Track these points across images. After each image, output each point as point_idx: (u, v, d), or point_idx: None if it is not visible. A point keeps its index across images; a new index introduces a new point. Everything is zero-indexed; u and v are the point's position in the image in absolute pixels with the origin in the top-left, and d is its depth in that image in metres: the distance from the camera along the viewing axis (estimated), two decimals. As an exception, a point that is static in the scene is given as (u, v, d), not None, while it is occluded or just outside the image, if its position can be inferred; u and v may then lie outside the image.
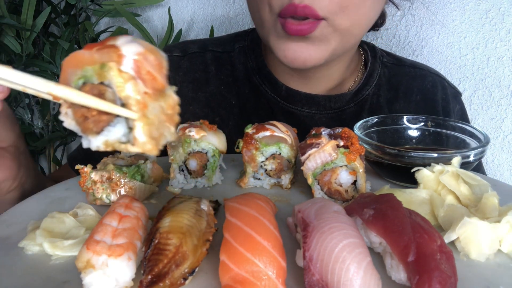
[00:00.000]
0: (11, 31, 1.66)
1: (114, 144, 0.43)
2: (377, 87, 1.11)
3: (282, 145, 0.74)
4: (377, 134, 0.88)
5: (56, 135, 1.90)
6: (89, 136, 0.44)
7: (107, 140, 0.43)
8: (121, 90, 0.41)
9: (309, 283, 0.46)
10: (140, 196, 0.70)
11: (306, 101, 1.06)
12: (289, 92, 1.06)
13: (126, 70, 0.41)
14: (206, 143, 0.74)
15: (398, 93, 1.12)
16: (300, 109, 1.07)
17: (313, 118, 1.07)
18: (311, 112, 1.07)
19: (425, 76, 1.16)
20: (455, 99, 1.18)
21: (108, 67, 0.41)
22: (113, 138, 0.43)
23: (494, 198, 0.61)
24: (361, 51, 1.16)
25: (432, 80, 1.15)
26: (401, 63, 1.17)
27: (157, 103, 0.43)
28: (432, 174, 0.67)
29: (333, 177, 0.69)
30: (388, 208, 0.54)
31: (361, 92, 1.09)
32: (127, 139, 0.43)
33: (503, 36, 1.35)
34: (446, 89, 1.17)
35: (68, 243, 0.56)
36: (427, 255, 0.47)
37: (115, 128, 0.43)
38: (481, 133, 0.80)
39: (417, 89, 1.13)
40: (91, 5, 1.85)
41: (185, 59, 1.14)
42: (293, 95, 1.06)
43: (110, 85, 0.42)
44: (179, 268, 0.47)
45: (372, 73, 1.11)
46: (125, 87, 0.41)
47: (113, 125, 0.43)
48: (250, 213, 0.51)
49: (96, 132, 0.44)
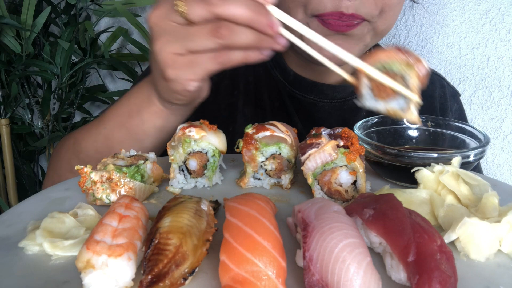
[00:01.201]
0: (11, 31, 1.66)
1: (394, 109, 0.64)
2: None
3: (282, 145, 0.74)
4: (377, 134, 0.88)
5: (56, 135, 1.90)
6: (378, 101, 0.65)
7: (389, 106, 0.64)
8: (414, 82, 0.62)
9: (309, 283, 0.46)
10: (140, 196, 0.70)
11: (311, 88, 1.09)
12: (296, 78, 1.09)
13: (420, 73, 0.62)
14: (206, 143, 0.74)
15: None
16: (305, 96, 1.09)
17: (316, 105, 1.10)
18: (315, 99, 1.09)
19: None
20: (453, 99, 1.19)
21: (411, 67, 0.62)
22: (392, 107, 0.64)
23: (494, 198, 0.61)
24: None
25: (431, 78, 1.16)
26: None
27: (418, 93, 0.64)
28: (432, 174, 0.67)
29: (333, 177, 0.69)
30: (388, 208, 0.54)
31: None
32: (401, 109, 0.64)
33: (503, 36, 1.35)
34: (445, 87, 1.18)
35: (68, 243, 0.56)
36: (427, 255, 0.47)
37: (396, 101, 0.64)
38: (481, 133, 0.80)
39: None
40: (91, 5, 1.85)
41: None
42: (299, 81, 1.09)
43: (403, 76, 0.63)
44: (179, 268, 0.47)
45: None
46: (416, 82, 0.62)
47: (396, 99, 0.64)
48: (250, 213, 0.51)
49: (383, 99, 0.64)
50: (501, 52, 1.37)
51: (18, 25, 1.63)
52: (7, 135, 1.83)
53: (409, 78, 0.62)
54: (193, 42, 0.64)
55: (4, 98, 1.81)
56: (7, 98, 1.82)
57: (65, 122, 1.98)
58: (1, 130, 1.82)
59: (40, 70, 1.76)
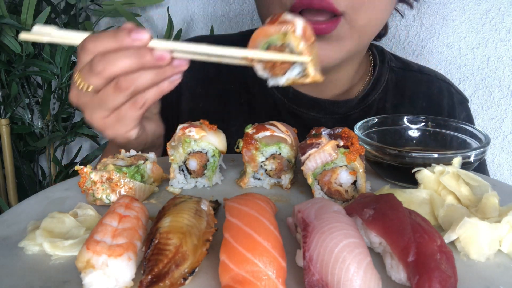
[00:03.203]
0: (11, 31, 1.66)
1: (294, 79, 0.65)
2: (384, 92, 1.10)
3: (282, 145, 0.74)
4: (378, 134, 0.88)
5: (56, 135, 1.90)
6: (277, 78, 0.65)
7: (288, 78, 0.65)
8: (297, 46, 0.63)
9: (309, 283, 0.46)
10: (140, 196, 0.70)
11: (312, 105, 1.07)
12: (296, 95, 1.07)
13: (299, 34, 0.63)
14: (206, 143, 0.74)
15: (404, 98, 1.11)
16: (306, 112, 1.07)
17: (319, 122, 1.07)
18: (317, 116, 1.07)
19: (431, 81, 1.15)
20: (462, 106, 1.16)
21: (289, 33, 0.63)
22: (293, 76, 0.65)
23: (494, 198, 0.61)
24: (370, 54, 1.15)
25: (438, 86, 1.14)
26: (409, 68, 1.16)
27: (314, 50, 0.66)
28: (433, 174, 0.67)
29: (333, 177, 0.69)
30: (388, 208, 0.54)
31: (368, 98, 1.08)
32: (302, 75, 0.65)
33: (503, 36, 1.35)
34: (453, 95, 1.15)
35: (68, 243, 0.56)
36: (427, 255, 0.47)
37: (294, 70, 0.65)
38: (481, 133, 0.80)
39: (423, 94, 1.12)
40: (91, 5, 1.84)
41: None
42: (299, 98, 1.07)
43: (289, 45, 0.64)
44: (179, 268, 0.47)
45: (380, 77, 1.10)
46: (299, 44, 0.63)
47: (292, 69, 0.65)
48: (250, 213, 0.51)
49: (281, 75, 0.65)
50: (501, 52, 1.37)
51: (18, 25, 1.63)
52: (7, 135, 1.83)
53: (292, 43, 0.63)
54: (108, 103, 0.71)
55: (4, 98, 1.81)
56: (7, 98, 1.82)
57: (65, 122, 1.98)
58: (1, 130, 1.82)
59: (40, 70, 1.76)
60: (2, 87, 1.82)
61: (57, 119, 1.92)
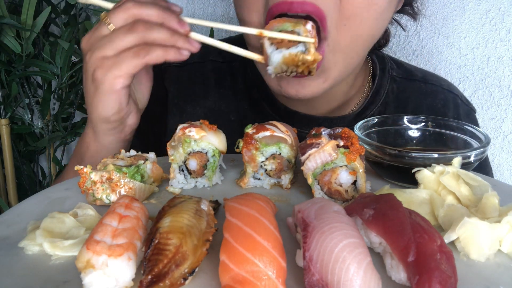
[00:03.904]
0: (11, 31, 1.66)
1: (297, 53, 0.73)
2: (384, 105, 1.05)
3: (282, 145, 0.74)
4: (378, 134, 0.88)
5: (56, 135, 1.90)
6: (282, 49, 0.74)
7: (290, 52, 0.74)
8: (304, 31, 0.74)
9: (309, 283, 0.46)
10: (140, 196, 0.70)
11: (306, 122, 1.02)
12: (288, 112, 1.03)
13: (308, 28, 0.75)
14: (206, 143, 0.74)
15: (405, 111, 1.05)
16: (300, 130, 1.01)
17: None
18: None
19: (436, 92, 1.08)
20: (468, 118, 1.10)
21: (300, 24, 0.75)
22: (295, 52, 0.73)
23: (494, 198, 0.61)
24: (369, 62, 1.09)
25: (444, 98, 1.08)
26: (412, 77, 1.09)
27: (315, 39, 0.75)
28: (433, 174, 0.67)
29: (333, 177, 0.69)
30: (388, 208, 0.54)
31: (365, 112, 1.03)
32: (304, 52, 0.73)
33: (503, 36, 1.36)
34: (459, 107, 1.09)
35: (68, 243, 0.56)
36: (427, 255, 0.47)
37: (297, 48, 0.74)
38: (481, 133, 0.80)
39: (427, 107, 1.06)
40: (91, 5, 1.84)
41: (184, 70, 1.11)
42: (292, 115, 1.03)
43: (298, 32, 0.75)
44: (179, 268, 0.47)
45: (379, 90, 1.04)
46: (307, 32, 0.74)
47: (296, 47, 0.74)
48: (250, 213, 0.51)
49: (286, 48, 0.74)
50: (501, 52, 1.37)
51: (18, 25, 1.63)
52: (7, 135, 1.83)
53: (301, 31, 0.75)
54: (116, 42, 0.75)
55: (4, 98, 1.81)
56: (7, 98, 1.83)
57: (65, 122, 1.98)
58: (1, 130, 1.82)
59: (40, 70, 1.76)
60: (2, 87, 1.82)
61: (57, 119, 1.92)
